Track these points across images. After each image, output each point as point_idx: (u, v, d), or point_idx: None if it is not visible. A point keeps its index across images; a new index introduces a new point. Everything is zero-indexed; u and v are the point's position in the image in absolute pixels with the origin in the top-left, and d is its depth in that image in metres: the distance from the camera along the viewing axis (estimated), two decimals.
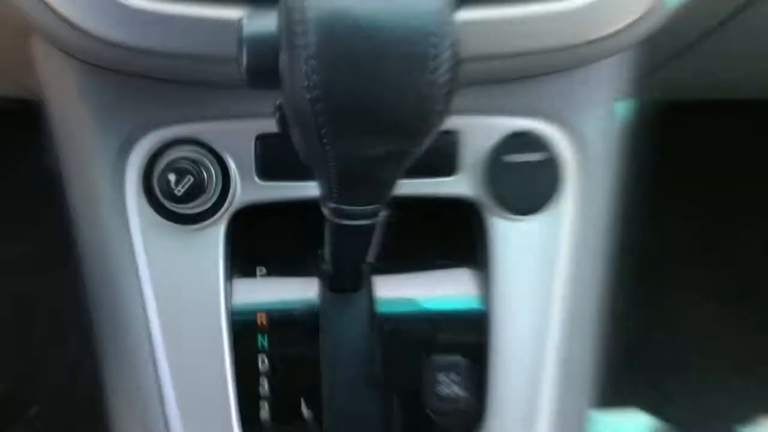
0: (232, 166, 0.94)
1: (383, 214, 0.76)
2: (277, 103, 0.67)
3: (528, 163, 0.97)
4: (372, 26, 0.59)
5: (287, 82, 0.61)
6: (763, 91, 1.80)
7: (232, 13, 0.80)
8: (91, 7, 0.80)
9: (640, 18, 0.86)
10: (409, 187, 0.93)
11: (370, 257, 0.87)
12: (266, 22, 0.63)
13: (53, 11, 0.80)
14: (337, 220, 0.75)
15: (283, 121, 0.66)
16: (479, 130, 0.96)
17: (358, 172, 0.67)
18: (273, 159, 0.94)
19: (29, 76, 1.07)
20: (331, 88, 0.59)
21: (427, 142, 0.64)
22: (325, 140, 0.62)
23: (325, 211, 0.76)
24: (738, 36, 1.22)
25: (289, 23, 0.60)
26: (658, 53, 1.25)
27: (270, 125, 0.76)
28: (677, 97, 1.87)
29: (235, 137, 0.94)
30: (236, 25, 0.64)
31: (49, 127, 1.03)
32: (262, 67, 0.63)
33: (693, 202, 2.23)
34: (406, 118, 0.61)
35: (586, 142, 0.97)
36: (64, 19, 0.81)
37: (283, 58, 0.61)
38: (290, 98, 0.61)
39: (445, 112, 0.63)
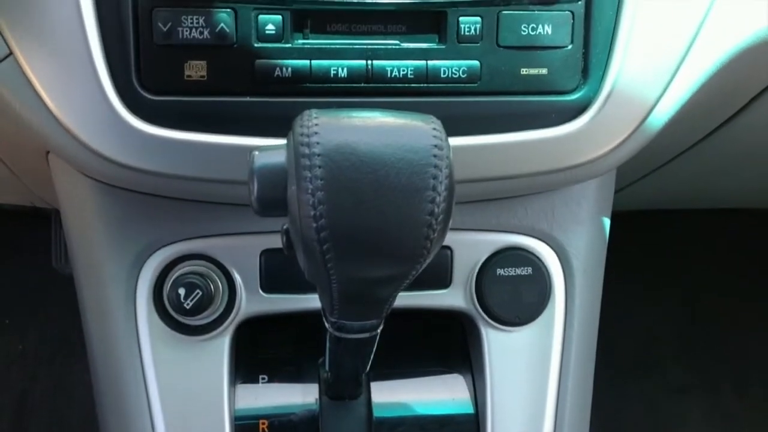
0: (238, 279, 0.95)
1: (381, 327, 0.77)
2: (284, 227, 0.68)
3: (517, 276, 0.99)
4: (375, 161, 0.61)
5: (294, 211, 0.62)
6: (736, 201, 1.84)
7: (240, 140, 0.83)
8: (108, 132, 0.82)
9: (622, 143, 0.89)
10: (405, 299, 0.94)
11: (369, 367, 0.88)
12: (275, 155, 0.65)
13: (71, 135, 0.82)
14: (338, 334, 0.77)
15: (289, 244, 0.68)
16: (471, 246, 0.98)
17: (359, 292, 0.68)
18: (277, 273, 0.96)
19: (46, 190, 1.10)
20: (336, 218, 0.61)
21: (425, 265, 0.66)
22: (329, 265, 0.63)
23: (327, 324, 0.77)
24: (709, 154, 1.25)
25: (297, 157, 0.62)
26: (635, 171, 1.29)
27: (274, 241, 0.77)
28: (649, 207, 1.91)
29: (242, 252, 0.95)
30: (248, 157, 0.66)
31: (62, 235, 1.05)
32: (272, 197, 0.65)
33: (674, 304, 2.24)
34: (406, 245, 0.62)
35: (571, 257, 1.00)
36: (81, 143, 0.83)
37: (291, 189, 0.63)
38: (297, 226, 0.63)
39: (443, 237, 0.65)
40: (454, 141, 0.78)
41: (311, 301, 0.90)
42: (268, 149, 0.66)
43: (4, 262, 2.15)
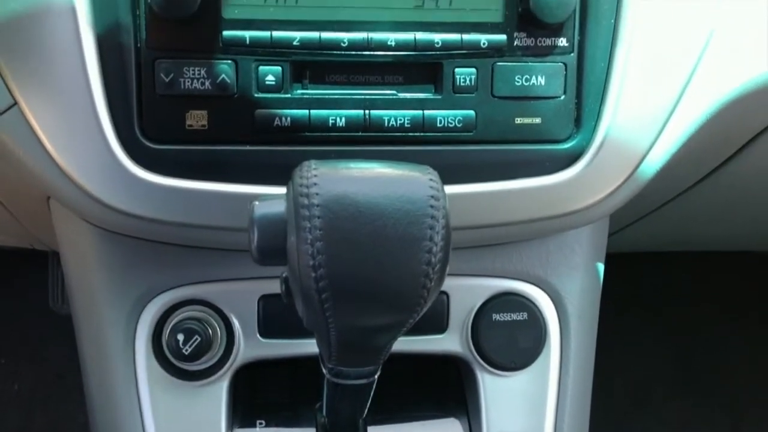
0: (236, 325, 0.96)
1: (378, 373, 0.78)
2: (283, 275, 0.69)
3: (513, 321, 0.99)
4: (373, 211, 0.62)
5: (294, 260, 0.63)
6: (730, 244, 1.85)
7: (240, 188, 0.83)
8: (110, 179, 0.83)
9: (615, 191, 0.90)
10: (402, 344, 0.94)
11: (366, 412, 0.88)
12: (275, 205, 0.66)
13: (73, 182, 0.83)
14: (335, 380, 0.77)
15: (288, 292, 0.69)
16: (467, 291, 0.99)
17: (357, 340, 0.69)
18: (275, 318, 0.96)
19: (46, 233, 1.10)
20: (335, 268, 0.61)
21: (422, 313, 0.66)
22: (327, 313, 0.64)
23: (324, 370, 0.78)
24: (702, 199, 1.26)
25: (296, 207, 0.63)
26: (628, 215, 1.30)
27: (272, 286, 0.78)
28: (644, 249, 1.91)
29: (240, 297, 0.96)
30: (248, 207, 0.67)
31: (60, 276, 1.05)
32: (271, 246, 0.66)
33: (670, 343, 2.24)
34: (404, 294, 0.63)
35: (566, 302, 1.00)
36: (82, 190, 0.83)
37: (291, 239, 0.63)
38: (296, 275, 0.63)
39: (440, 285, 0.65)
40: (450, 189, 0.79)
41: (309, 347, 0.90)
42: (268, 199, 0.67)
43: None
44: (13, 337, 2.14)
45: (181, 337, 0.92)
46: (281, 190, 0.68)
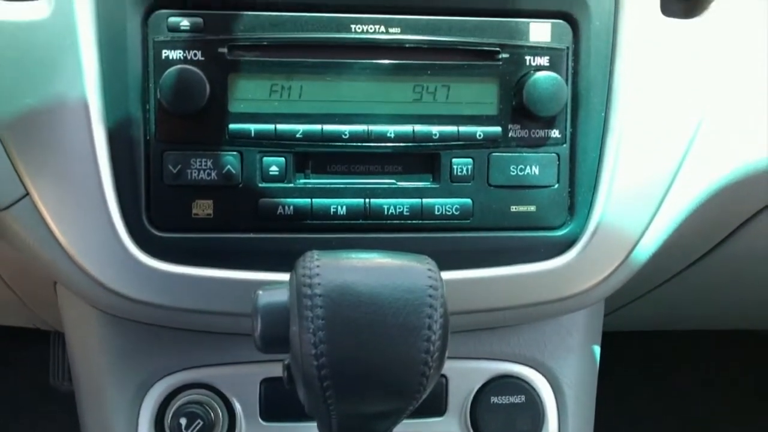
0: (238, 408, 0.96)
1: None
2: (285, 362, 0.70)
3: (511, 404, 1.00)
4: (373, 301, 0.64)
5: (296, 348, 0.64)
6: (727, 323, 1.85)
7: (244, 275, 0.85)
8: (117, 267, 0.84)
9: (609, 276, 0.91)
10: (400, 427, 0.95)
11: None
12: (278, 294, 0.68)
13: (81, 269, 0.85)
14: None
15: (290, 379, 0.70)
16: (466, 374, 1.00)
17: (358, 426, 0.69)
18: (277, 402, 0.97)
19: (51, 315, 1.11)
20: (336, 356, 0.63)
21: (422, 399, 0.67)
22: (329, 400, 0.65)
23: None
24: (696, 280, 1.28)
25: (299, 297, 0.64)
26: (623, 297, 1.31)
27: (274, 369, 0.79)
28: (640, 328, 1.92)
29: (242, 381, 0.96)
30: (252, 296, 0.69)
31: (61, 354, 1.06)
32: (274, 335, 0.67)
33: (667, 422, 2.23)
34: (404, 382, 0.64)
35: (563, 385, 1.01)
36: (90, 277, 0.85)
37: (293, 328, 0.65)
38: (298, 362, 0.65)
39: (439, 372, 0.67)
40: (448, 275, 0.81)
41: (310, 430, 0.90)
42: (271, 288, 0.69)
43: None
44: (13, 414, 2.12)
45: (183, 420, 0.93)
46: (284, 276, 0.70)
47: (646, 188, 0.91)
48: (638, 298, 1.36)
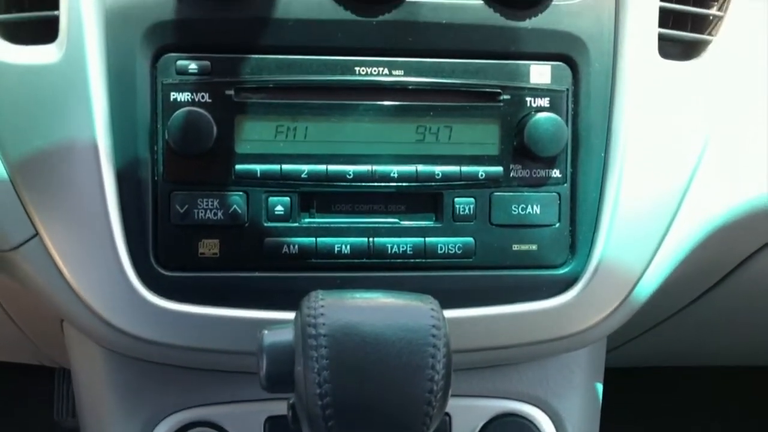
0: None
1: None
2: (290, 401, 0.71)
3: None
4: (377, 341, 0.65)
5: (301, 388, 0.65)
6: (727, 359, 1.85)
7: (250, 313, 0.86)
8: (124, 306, 0.85)
9: (611, 314, 0.92)
10: None
11: None
12: (283, 334, 0.69)
13: (88, 308, 0.86)
14: None
15: (295, 419, 0.70)
16: (469, 411, 1.00)
17: None
18: None
19: (57, 352, 1.12)
20: (341, 396, 0.64)
21: None
22: None
23: None
24: (699, 316, 1.28)
25: (304, 337, 0.65)
26: (625, 333, 1.32)
27: (278, 407, 0.79)
28: (642, 364, 1.92)
29: (247, 419, 0.97)
30: (258, 335, 0.70)
31: (65, 390, 1.06)
32: (279, 374, 0.68)
33: None
34: (407, 421, 0.65)
35: (566, 423, 1.01)
36: (97, 316, 0.86)
37: (298, 368, 0.66)
38: (303, 402, 0.65)
39: (442, 411, 0.67)
40: (450, 313, 0.82)
41: None
42: (276, 328, 0.70)
43: (3, 414, 2.13)
44: None
45: None
46: (289, 315, 0.70)
47: (646, 227, 0.92)
48: (641, 334, 1.36)
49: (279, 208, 0.87)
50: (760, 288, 1.17)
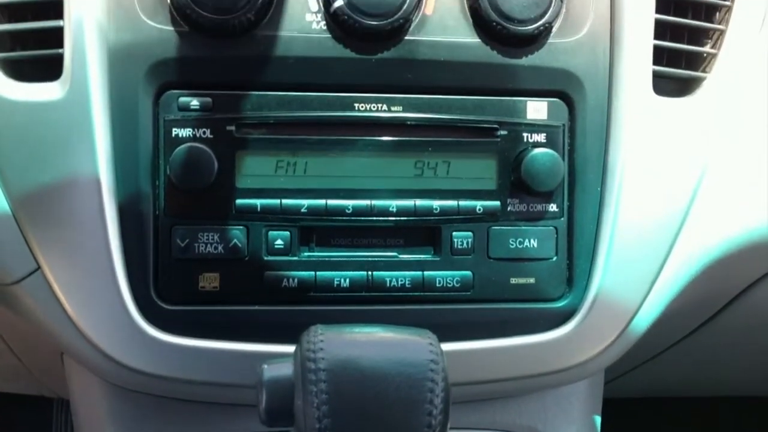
0: None
1: None
2: None
3: None
4: (376, 375, 0.65)
5: (300, 422, 0.66)
6: (727, 390, 1.85)
7: (250, 347, 0.87)
8: (125, 340, 0.86)
9: (608, 347, 0.93)
10: None
11: None
12: (283, 368, 0.69)
13: (89, 342, 0.86)
14: None
15: None
16: None
17: None
18: None
19: (57, 384, 1.12)
20: (340, 430, 0.64)
21: None
22: None
23: None
24: (697, 348, 1.29)
25: (304, 372, 0.66)
26: (623, 365, 1.32)
27: None
28: (641, 395, 1.92)
29: None
30: (258, 370, 0.70)
31: (64, 421, 1.06)
32: (279, 408, 0.68)
33: None
34: None
35: None
36: (98, 349, 0.86)
37: (298, 402, 0.66)
38: None
39: None
40: (449, 347, 0.83)
41: None
42: (276, 362, 0.70)
43: None
44: None
45: None
46: (289, 348, 0.71)
47: (643, 260, 0.92)
48: (639, 365, 1.37)
49: (279, 242, 0.87)
50: (760, 318, 1.17)
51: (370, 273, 0.89)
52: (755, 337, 1.28)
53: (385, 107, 0.88)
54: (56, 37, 0.85)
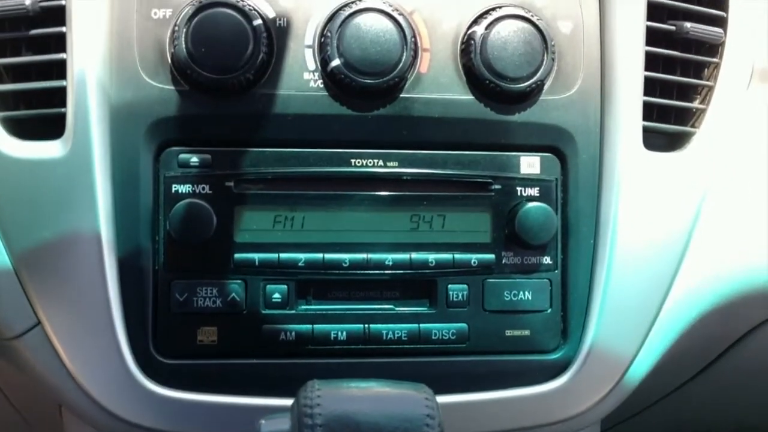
0: None
1: None
2: None
3: None
4: (372, 430, 0.66)
5: None
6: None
7: (247, 400, 0.87)
8: (123, 394, 0.86)
9: (604, 398, 0.93)
10: None
11: None
12: (280, 423, 0.70)
13: (88, 396, 0.87)
14: None
15: None
16: None
17: None
18: None
19: None
20: None
21: None
22: None
23: None
24: (693, 396, 1.28)
25: (300, 426, 0.66)
26: (620, 414, 1.32)
27: None
28: None
29: None
30: (255, 425, 0.71)
31: None
32: None
33: None
34: None
35: None
36: (96, 403, 0.87)
37: None
38: None
39: None
40: (444, 399, 0.83)
41: None
42: (273, 418, 0.71)
43: None
44: None
45: None
46: (287, 401, 0.72)
47: (637, 310, 0.93)
48: (636, 414, 1.36)
49: (276, 295, 0.88)
50: (759, 365, 1.17)
51: (366, 326, 0.90)
52: (756, 383, 1.28)
53: (381, 163, 0.90)
54: (59, 95, 0.87)
